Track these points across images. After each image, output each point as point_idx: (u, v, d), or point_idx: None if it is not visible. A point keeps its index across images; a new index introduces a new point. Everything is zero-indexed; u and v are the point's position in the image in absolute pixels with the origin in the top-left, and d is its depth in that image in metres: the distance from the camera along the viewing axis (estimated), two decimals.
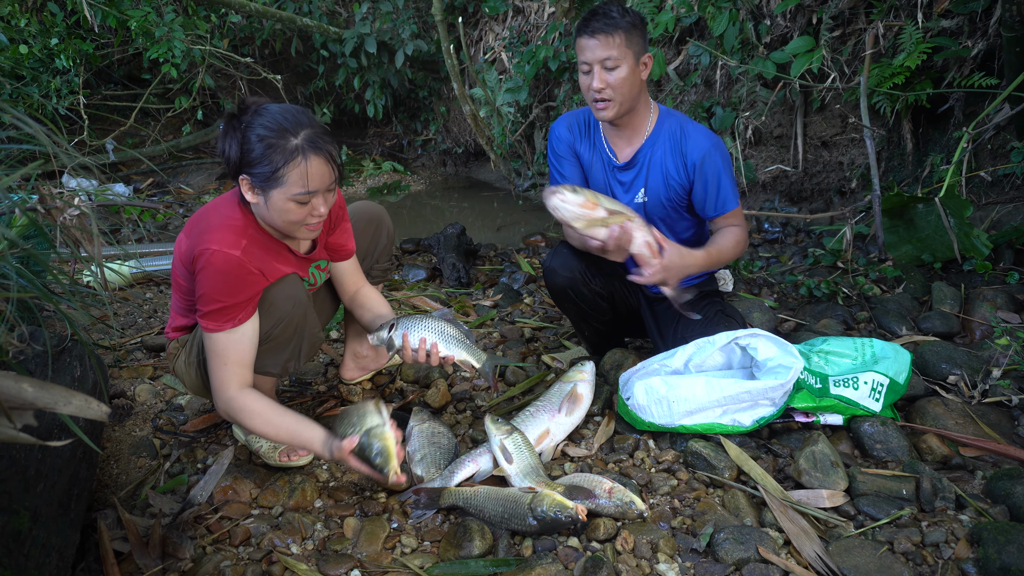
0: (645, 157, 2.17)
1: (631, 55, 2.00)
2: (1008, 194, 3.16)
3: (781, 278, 3.16)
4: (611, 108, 2.05)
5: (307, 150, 1.60)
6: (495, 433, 1.87)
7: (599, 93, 2.03)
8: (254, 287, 1.72)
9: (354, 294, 2.11)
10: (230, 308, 1.69)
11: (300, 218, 1.67)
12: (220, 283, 1.66)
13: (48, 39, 5.02)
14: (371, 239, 2.20)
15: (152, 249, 3.61)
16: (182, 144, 5.91)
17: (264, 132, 1.59)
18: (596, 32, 1.98)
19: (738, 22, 3.67)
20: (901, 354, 2.00)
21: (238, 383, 1.73)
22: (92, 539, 1.66)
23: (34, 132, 1.38)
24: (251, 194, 1.66)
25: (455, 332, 1.90)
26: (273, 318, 1.79)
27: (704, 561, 1.58)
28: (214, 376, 1.74)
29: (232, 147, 1.62)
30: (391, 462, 1.69)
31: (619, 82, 2.01)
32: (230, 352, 1.72)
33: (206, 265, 1.65)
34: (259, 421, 1.72)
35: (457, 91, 4.76)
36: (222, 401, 1.74)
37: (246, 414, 1.72)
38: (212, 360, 1.73)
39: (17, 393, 0.93)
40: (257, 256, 1.72)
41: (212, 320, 1.69)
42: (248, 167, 1.62)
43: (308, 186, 1.62)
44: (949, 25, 3.15)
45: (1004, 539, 1.50)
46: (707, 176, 2.10)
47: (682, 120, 2.17)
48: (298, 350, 1.89)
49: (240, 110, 1.64)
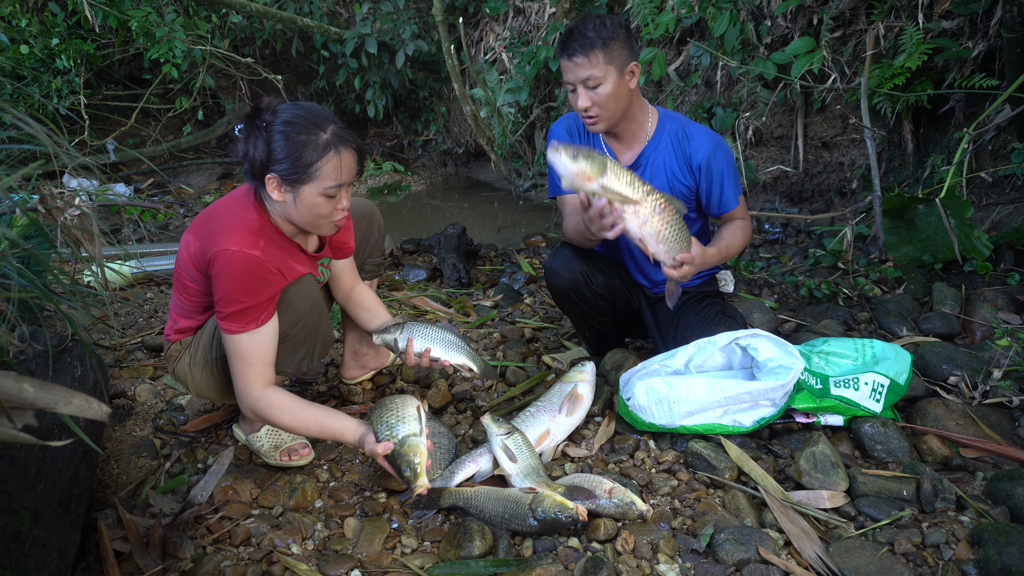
0: (648, 160, 2.17)
1: (613, 70, 1.99)
2: (1009, 195, 3.16)
3: (782, 279, 3.16)
4: (601, 123, 2.07)
5: (338, 144, 1.64)
6: (495, 433, 1.87)
7: (586, 112, 2.04)
8: (275, 287, 1.72)
9: (349, 292, 2.12)
10: (252, 308, 1.69)
11: (328, 212, 1.69)
12: (242, 284, 1.66)
13: (49, 39, 5.02)
14: (363, 234, 2.22)
15: (153, 249, 3.62)
16: (183, 144, 5.92)
17: (291, 130, 1.61)
18: (573, 54, 1.98)
19: (739, 23, 3.66)
20: (902, 355, 2.00)
21: (263, 382, 1.74)
22: (92, 539, 1.66)
23: (35, 132, 1.38)
24: (278, 192, 1.67)
25: (457, 340, 1.94)
26: (291, 318, 1.80)
27: (704, 562, 1.58)
28: (239, 377, 1.74)
29: (258, 147, 1.62)
30: (421, 477, 1.70)
31: (604, 98, 2.01)
32: (254, 353, 1.72)
33: (226, 266, 1.65)
34: (288, 416, 1.73)
35: (458, 91, 4.76)
36: (249, 400, 1.74)
37: (275, 410, 1.73)
38: (236, 362, 1.73)
39: (18, 393, 0.93)
40: (275, 256, 1.72)
41: (235, 321, 1.69)
42: (276, 165, 1.62)
43: (340, 179, 1.65)
44: (950, 26, 3.15)
45: (1005, 540, 1.50)
46: (712, 176, 2.12)
47: (683, 122, 2.17)
48: (312, 350, 1.90)
49: (257, 111, 1.65)
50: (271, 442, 1.99)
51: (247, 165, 1.67)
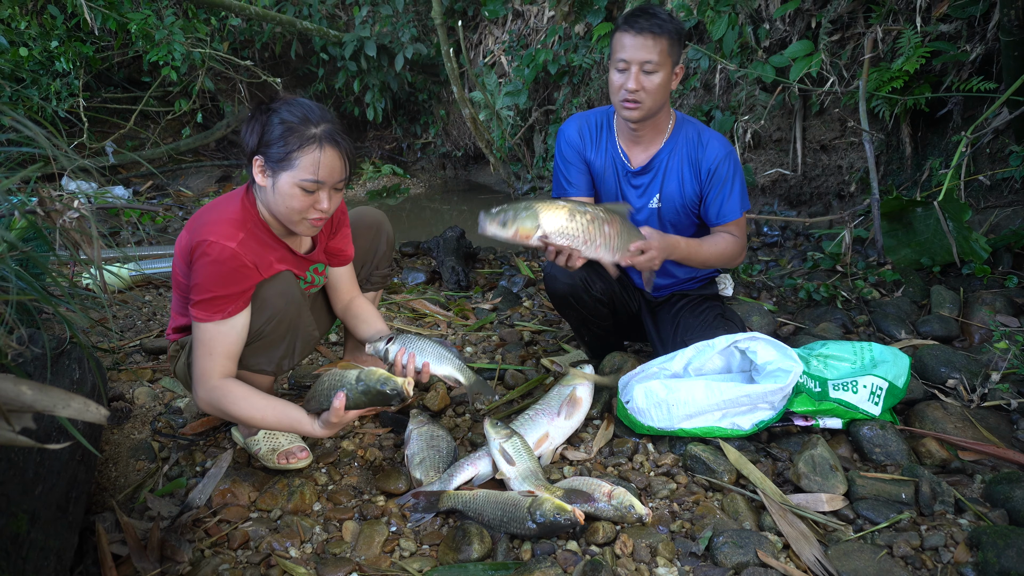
0: (661, 163, 2.17)
1: (669, 63, 1.99)
2: (1007, 198, 3.17)
3: (780, 282, 3.16)
4: (639, 111, 2.03)
5: (324, 140, 1.66)
6: (494, 437, 1.87)
7: (632, 94, 2.00)
8: (247, 280, 1.72)
9: (348, 303, 2.10)
10: (221, 299, 1.69)
11: (303, 207, 1.70)
12: (213, 273, 1.67)
13: (48, 42, 5.02)
14: (370, 244, 2.21)
15: (151, 252, 3.61)
16: (182, 147, 5.92)
17: (287, 116, 1.66)
18: (643, 31, 1.94)
19: (737, 26, 3.67)
20: (900, 358, 2.00)
21: (220, 373, 1.73)
22: (90, 542, 1.66)
23: (34, 135, 1.38)
24: (261, 175, 1.70)
25: (448, 353, 1.93)
26: (265, 314, 1.79)
27: (703, 565, 1.58)
28: (197, 365, 1.73)
29: (254, 131, 1.68)
30: (392, 379, 1.66)
31: (654, 88, 1.99)
32: (217, 343, 1.72)
33: (201, 255, 1.67)
34: (245, 405, 1.71)
35: (457, 94, 4.77)
36: (204, 390, 1.72)
37: (230, 400, 1.71)
38: (198, 349, 1.73)
39: (16, 396, 0.93)
40: (253, 250, 1.73)
41: (203, 309, 1.70)
42: (264, 147, 1.67)
43: (318, 174, 1.66)
44: (948, 29, 3.16)
45: (1003, 543, 1.50)
46: (715, 183, 2.12)
47: (699, 128, 2.17)
48: (292, 348, 1.89)
49: (270, 100, 1.71)
50: (268, 445, 1.98)
51: (244, 148, 1.72)
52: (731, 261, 2.16)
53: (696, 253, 2.06)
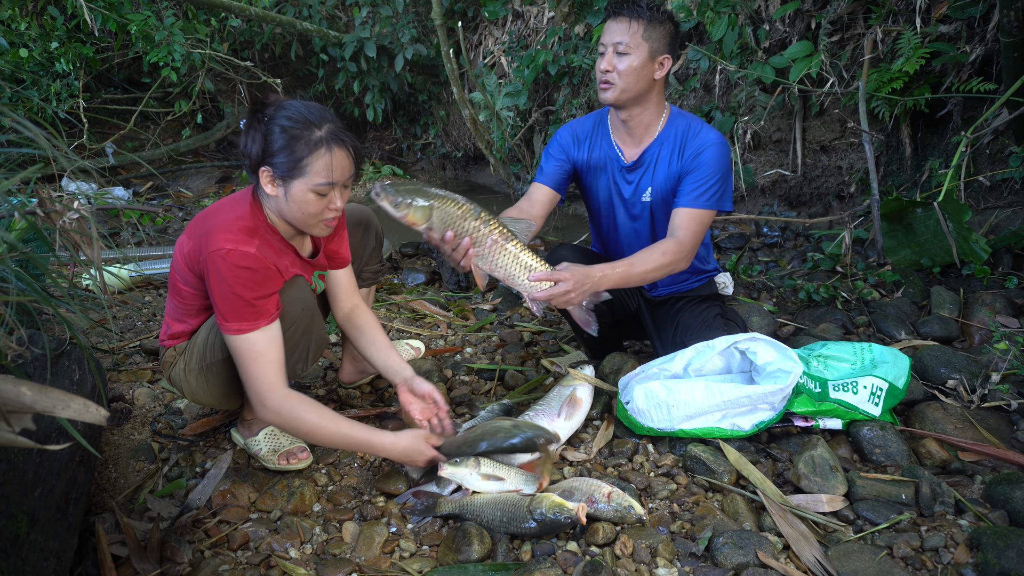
0: (652, 157, 2.17)
1: (645, 47, 1.99)
2: (1006, 199, 3.16)
3: (780, 282, 3.16)
4: (611, 92, 2.05)
5: (331, 141, 1.63)
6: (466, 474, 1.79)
7: (604, 75, 2.04)
8: (276, 282, 1.72)
9: (349, 312, 2.06)
10: (260, 303, 1.67)
11: (318, 210, 1.69)
12: (247, 280, 1.64)
13: (48, 43, 5.02)
14: (359, 241, 2.21)
15: (151, 253, 3.61)
16: (182, 148, 5.91)
17: (288, 123, 1.62)
18: (619, 14, 1.99)
19: (737, 27, 3.67)
20: (900, 358, 2.00)
21: (284, 382, 1.70)
22: (90, 543, 1.66)
23: (34, 136, 1.38)
24: (271, 186, 1.67)
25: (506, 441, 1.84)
26: (284, 322, 1.78)
27: (703, 566, 1.58)
28: (260, 379, 1.68)
29: (255, 140, 1.64)
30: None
31: (626, 70, 2.01)
32: (271, 350, 1.68)
33: (223, 265, 1.63)
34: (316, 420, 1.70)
35: (457, 95, 4.77)
36: (274, 402, 1.68)
37: (304, 414, 1.69)
38: (252, 363, 1.67)
39: (15, 397, 0.93)
40: (271, 255, 1.72)
41: (244, 320, 1.66)
42: (270, 158, 1.63)
43: (331, 177, 1.64)
44: (947, 30, 3.16)
45: (1003, 544, 1.50)
46: (695, 167, 2.07)
47: (692, 120, 2.16)
48: (306, 353, 1.89)
49: (261, 106, 1.66)
50: (269, 446, 1.98)
51: (246, 160, 1.68)
52: (674, 269, 2.04)
53: (629, 276, 1.96)
